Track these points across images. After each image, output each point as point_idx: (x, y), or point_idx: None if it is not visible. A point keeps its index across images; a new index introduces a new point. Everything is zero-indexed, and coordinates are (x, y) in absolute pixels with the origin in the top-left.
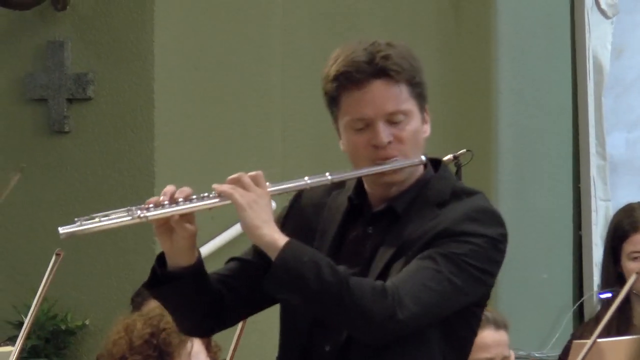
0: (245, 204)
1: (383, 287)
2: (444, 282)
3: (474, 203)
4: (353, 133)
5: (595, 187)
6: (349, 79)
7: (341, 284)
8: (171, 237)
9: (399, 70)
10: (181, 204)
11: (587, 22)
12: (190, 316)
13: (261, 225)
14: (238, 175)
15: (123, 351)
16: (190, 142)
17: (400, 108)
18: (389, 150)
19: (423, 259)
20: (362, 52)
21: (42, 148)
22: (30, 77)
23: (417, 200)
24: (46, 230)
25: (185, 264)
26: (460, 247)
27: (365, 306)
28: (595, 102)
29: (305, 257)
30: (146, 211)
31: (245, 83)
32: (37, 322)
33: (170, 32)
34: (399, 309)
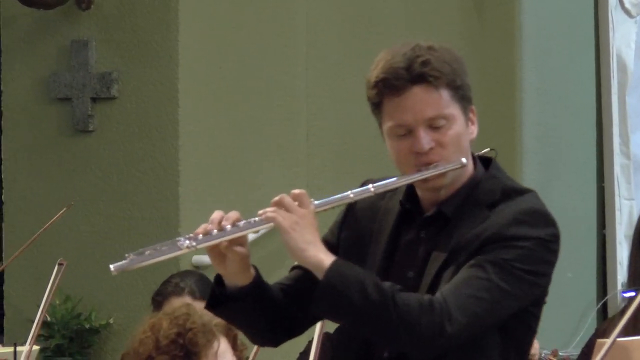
0: (287, 226)
1: (430, 301)
2: (493, 290)
3: (523, 204)
4: (395, 139)
5: (619, 186)
6: (388, 86)
7: (387, 302)
8: (224, 261)
9: (437, 75)
10: (228, 231)
11: (611, 21)
12: (257, 329)
13: (305, 247)
14: (280, 197)
15: (149, 351)
16: (215, 141)
17: (440, 113)
18: (430, 156)
19: (471, 267)
20: (401, 57)
21: (66, 147)
22: (54, 77)
23: (468, 202)
24: (70, 228)
25: (242, 284)
26: (509, 252)
27: (412, 322)
28: (619, 101)
29: (351, 276)
30: (194, 241)
31: (269, 82)
32: (62, 321)
33: (195, 32)
34: (448, 323)
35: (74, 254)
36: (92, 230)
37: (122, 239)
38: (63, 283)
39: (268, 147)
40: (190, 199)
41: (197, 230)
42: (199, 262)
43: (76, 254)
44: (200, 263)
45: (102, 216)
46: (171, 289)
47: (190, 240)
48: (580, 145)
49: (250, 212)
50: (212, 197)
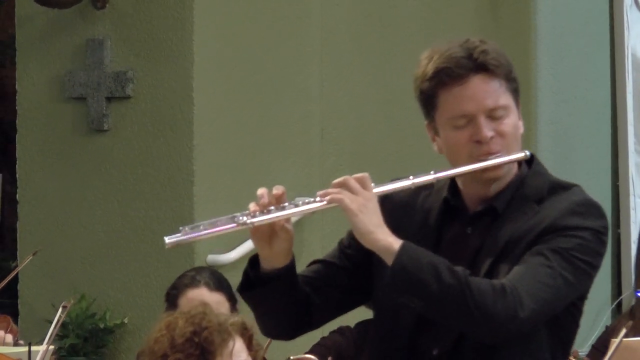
0: (355, 209)
1: (502, 286)
2: (557, 278)
3: (574, 196)
4: (453, 130)
5: (634, 185)
6: (449, 75)
7: (462, 285)
8: (270, 241)
9: (497, 64)
10: (287, 209)
11: (625, 20)
12: (278, 318)
13: (374, 230)
14: (344, 179)
15: (164, 349)
16: (229, 140)
17: (500, 103)
18: (491, 146)
19: (533, 256)
20: (459, 48)
21: (81, 146)
22: (69, 76)
23: (516, 198)
24: (86, 229)
25: (281, 265)
26: (568, 241)
27: (487, 306)
28: (634, 100)
29: (423, 259)
30: (252, 217)
31: (284, 81)
32: (76, 321)
33: (210, 31)
34: (520, 308)
35: (88, 253)
36: (106, 230)
37: (137, 238)
38: (78, 282)
39: (282, 147)
40: (204, 198)
41: (250, 205)
42: (213, 262)
43: (91, 253)
44: (215, 262)
45: (116, 215)
46: (187, 282)
47: (248, 217)
48: (595, 144)
49: None
50: (227, 196)
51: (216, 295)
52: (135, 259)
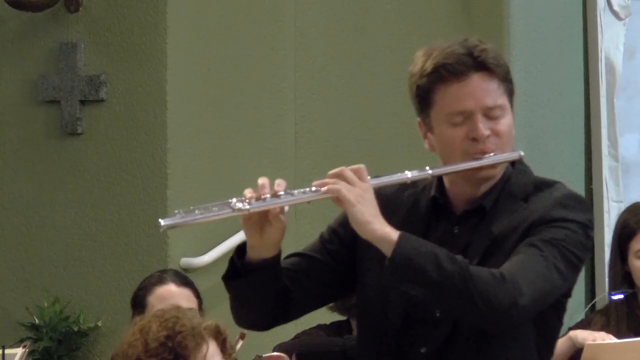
0: (353, 199)
1: (501, 274)
2: (551, 268)
3: (561, 191)
4: (449, 127)
5: (608, 188)
6: (449, 71)
7: (462, 272)
8: (261, 230)
9: (497, 64)
10: (282, 197)
11: (599, 23)
12: (257, 309)
13: (372, 220)
14: (340, 170)
15: (138, 353)
16: (203, 143)
17: (498, 103)
18: (487, 144)
19: (526, 247)
20: (459, 46)
21: (54, 150)
22: (42, 79)
23: (502, 196)
24: (60, 232)
25: (269, 256)
26: (558, 232)
27: (488, 293)
28: (608, 104)
29: (422, 248)
30: (247, 204)
31: (257, 84)
32: (50, 324)
33: (183, 34)
34: (519, 295)
35: (62, 256)
36: (80, 233)
37: (111, 242)
38: (51, 285)
39: (256, 150)
40: (178, 202)
41: (245, 192)
42: (187, 265)
43: (64, 257)
44: (189, 265)
45: (90, 218)
46: (154, 281)
47: (243, 203)
48: (569, 148)
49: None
50: (200, 200)
51: (184, 291)
52: (109, 262)
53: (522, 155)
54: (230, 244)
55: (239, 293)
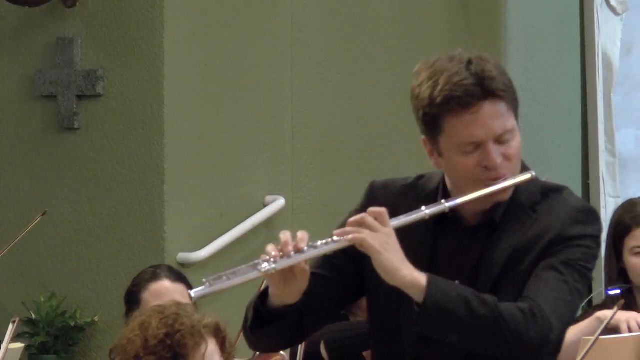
0: (379, 247)
1: (531, 310)
2: (573, 292)
3: (571, 202)
4: (460, 155)
5: (605, 183)
6: (460, 104)
7: (494, 314)
8: (285, 281)
9: (505, 89)
10: (306, 252)
11: (596, 18)
12: (277, 342)
13: (399, 267)
14: (362, 217)
15: (137, 350)
16: (200, 139)
17: (507, 127)
18: (500, 171)
19: (546, 271)
20: (466, 73)
21: (51, 144)
22: (40, 74)
23: (511, 207)
24: (56, 227)
25: (292, 302)
26: (575, 252)
27: (521, 333)
28: (605, 99)
29: (452, 293)
30: (274, 263)
31: (254, 80)
32: (47, 319)
33: (180, 29)
34: (550, 331)
35: (59, 251)
36: (77, 228)
37: (107, 237)
38: (48, 280)
39: (253, 145)
40: (175, 197)
41: (268, 250)
42: (184, 260)
43: (61, 252)
44: (186, 261)
45: (87, 213)
46: (147, 277)
47: (269, 263)
48: (566, 143)
49: (236, 210)
50: (197, 195)
51: (179, 287)
52: (106, 257)
53: (534, 175)
54: (227, 239)
55: (263, 336)
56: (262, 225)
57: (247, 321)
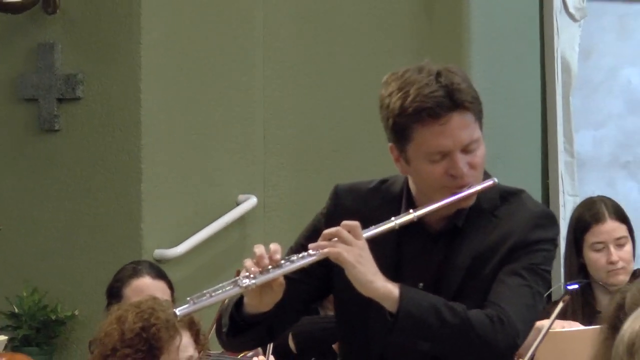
0: (353, 260)
1: (498, 316)
2: (536, 296)
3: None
4: (428, 164)
5: (564, 182)
6: (430, 115)
7: (464, 323)
8: (261, 293)
9: (472, 101)
10: (284, 266)
11: (555, 25)
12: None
13: (373, 279)
14: (336, 230)
15: (114, 342)
16: (176, 140)
17: (473, 137)
18: (465, 179)
19: (510, 276)
20: (436, 85)
21: (33, 146)
22: (21, 78)
23: (472, 212)
24: (38, 225)
25: (266, 310)
26: (536, 257)
27: (490, 339)
28: (564, 102)
29: (423, 302)
30: (254, 279)
31: (228, 84)
32: (29, 312)
33: (156, 35)
34: (516, 335)
35: (40, 248)
36: (58, 226)
37: (87, 234)
38: (30, 276)
39: (227, 146)
40: (152, 196)
41: (247, 265)
42: (160, 256)
43: (43, 249)
44: (162, 257)
45: (67, 212)
46: (129, 273)
47: (249, 279)
48: (526, 144)
49: (210, 208)
50: (173, 194)
51: (159, 283)
52: (86, 254)
53: (496, 182)
54: (202, 236)
55: (238, 341)
56: (236, 223)
57: (221, 327)
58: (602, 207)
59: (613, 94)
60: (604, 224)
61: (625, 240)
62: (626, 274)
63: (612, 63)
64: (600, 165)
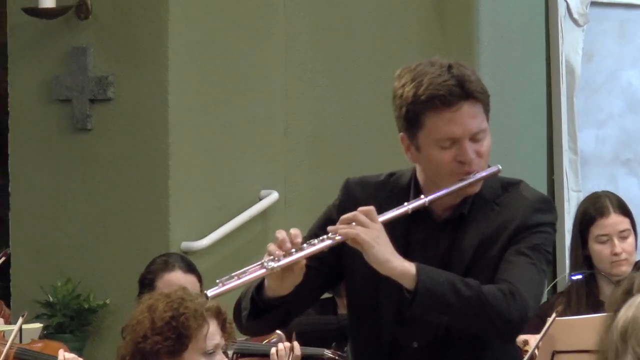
0: (371, 241)
1: (510, 290)
2: (540, 272)
3: (530, 195)
4: (438, 150)
5: (568, 179)
6: (443, 102)
7: (479, 295)
8: (282, 277)
9: (481, 92)
10: (305, 249)
11: (560, 29)
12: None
13: (391, 258)
14: (353, 215)
15: (145, 330)
16: (202, 138)
17: (481, 127)
18: (472, 166)
19: (516, 256)
20: (448, 75)
21: (66, 144)
22: (56, 80)
23: (476, 201)
24: (71, 218)
25: (285, 293)
26: (539, 237)
27: (503, 310)
28: (568, 102)
29: (440, 278)
30: (278, 262)
31: (250, 85)
32: (63, 301)
33: (183, 39)
34: (527, 308)
35: (74, 240)
36: (89, 219)
37: (117, 227)
38: (64, 267)
39: (249, 144)
40: (178, 191)
41: (271, 249)
42: (187, 248)
43: (76, 241)
44: (189, 249)
45: (98, 206)
46: (160, 267)
47: (274, 262)
48: (533, 142)
49: (233, 203)
50: (199, 189)
51: (190, 277)
52: (117, 246)
53: (500, 169)
54: (226, 229)
55: (257, 324)
56: (258, 217)
57: (241, 312)
58: (607, 202)
59: (614, 94)
60: (609, 218)
61: (628, 233)
62: (629, 265)
63: (613, 65)
64: (602, 163)
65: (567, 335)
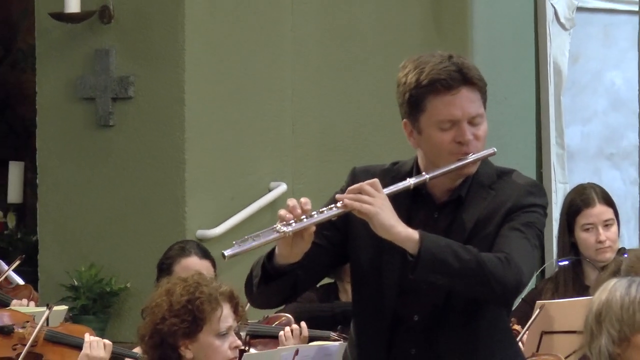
0: (377, 208)
1: (506, 258)
2: (533, 246)
3: (522, 180)
4: (438, 131)
5: (555, 172)
6: (443, 85)
7: (477, 260)
8: (292, 243)
9: (479, 79)
10: (316, 216)
11: (548, 33)
12: (276, 298)
13: (395, 224)
14: (359, 186)
15: (163, 312)
16: (216, 134)
17: (479, 112)
18: (470, 147)
19: (510, 231)
20: (449, 62)
21: (90, 140)
22: (80, 80)
23: (473, 185)
24: (95, 208)
25: (294, 261)
26: (531, 216)
27: (500, 274)
28: (555, 101)
29: (441, 242)
30: (290, 227)
31: (261, 84)
32: (87, 285)
33: (198, 42)
34: (522, 274)
35: (97, 228)
36: (111, 209)
37: (137, 216)
38: (88, 253)
39: (260, 139)
40: (194, 183)
41: (282, 214)
42: (202, 236)
43: (99, 229)
44: (203, 236)
45: (120, 197)
46: (177, 253)
47: (286, 227)
48: (523, 138)
49: (245, 194)
50: (213, 181)
51: (205, 263)
52: (136, 233)
53: (495, 151)
54: (238, 218)
55: (267, 291)
56: (267, 207)
57: (252, 281)
58: (592, 193)
59: (599, 94)
60: (594, 208)
61: (612, 222)
62: (612, 252)
63: (597, 67)
64: (587, 157)
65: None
